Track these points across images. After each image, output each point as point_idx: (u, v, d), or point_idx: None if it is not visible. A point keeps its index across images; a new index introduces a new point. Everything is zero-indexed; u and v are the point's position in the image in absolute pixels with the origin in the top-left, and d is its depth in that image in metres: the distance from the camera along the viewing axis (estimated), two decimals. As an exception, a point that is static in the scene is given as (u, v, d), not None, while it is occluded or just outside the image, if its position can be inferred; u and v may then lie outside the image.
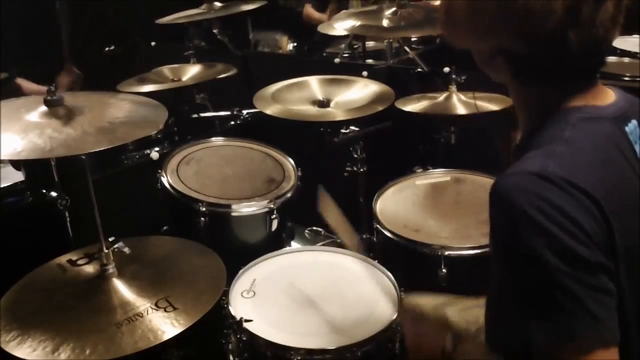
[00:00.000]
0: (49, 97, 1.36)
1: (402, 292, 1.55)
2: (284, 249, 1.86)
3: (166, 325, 1.33)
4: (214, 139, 2.26)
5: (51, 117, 1.35)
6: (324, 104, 2.28)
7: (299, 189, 2.03)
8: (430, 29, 2.34)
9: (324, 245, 2.16)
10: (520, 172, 0.85)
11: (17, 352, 1.25)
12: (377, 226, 1.89)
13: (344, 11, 2.95)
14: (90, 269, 1.52)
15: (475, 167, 2.14)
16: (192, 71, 2.81)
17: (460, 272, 1.71)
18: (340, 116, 2.16)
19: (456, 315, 1.33)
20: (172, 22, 2.82)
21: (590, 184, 0.82)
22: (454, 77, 2.31)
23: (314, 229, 2.43)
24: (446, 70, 2.35)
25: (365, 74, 2.52)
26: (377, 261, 1.71)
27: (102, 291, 1.44)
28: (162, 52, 3.35)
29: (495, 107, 2.08)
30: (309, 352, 1.39)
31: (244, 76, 3.01)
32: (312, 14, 4.00)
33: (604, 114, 0.92)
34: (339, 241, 2.32)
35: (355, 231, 1.74)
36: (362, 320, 1.49)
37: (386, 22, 2.37)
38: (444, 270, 1.69)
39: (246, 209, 1.90)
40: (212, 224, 1.87)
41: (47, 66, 2.69)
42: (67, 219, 1.75)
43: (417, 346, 1.31)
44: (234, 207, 1.90)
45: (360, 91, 2.32)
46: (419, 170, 2.20)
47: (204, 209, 1.86)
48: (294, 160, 2.15)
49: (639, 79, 2.49)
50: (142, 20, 2.99)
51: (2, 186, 2.00)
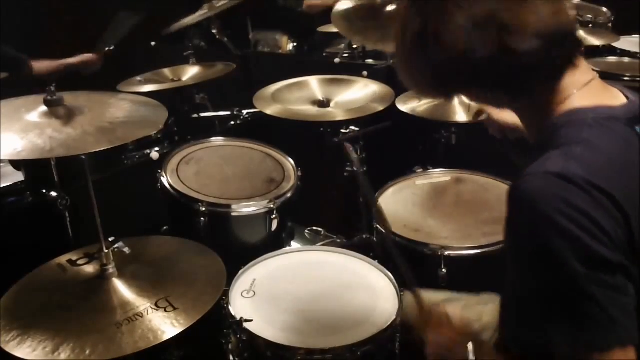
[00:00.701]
0: (49, 97, 1.36)
1: (402, 292, 1.55)
2: (284, 249, 1.86)
3: (166, 325, 1.33)
4: (214, 139, 2.26)
5: (51, 117, 1.35)
6: (324, 104, 2.28)
7: (299, 189, 2.03)
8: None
9: (324, 245, 2.16)
10: (541, 173, 0.84)
11: (17, 352, 1.25)
12: (377, 226, 1.89)
13: None
14: (90, 269, 1.52)
15: (475, 167, 2.14)
16: (192, 71, 2.82)
17: (460, 272, 1.70)
18: (340, 116, 2.16)
19: (457, 312, 1.33)
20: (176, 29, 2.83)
21: (611, 185, 0.82)
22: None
23: (314, 229, 2.44)
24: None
25: (365, 73, 2.52)
26: (377, 261, 1.71)
27: (102, 291, 1.44)
28: (162, 52, 3.35)
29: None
30: (309, 352, 1.39)
31: (244, 76, 3.01)
32: (314, 2, 3.93)
33: (618, 115, 0.92)
34: (338, 241, 2.33)
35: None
36: (362, 320, 1.49)
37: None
38: (444, 270, 1.69)
39: (246, 209, 1.90)
40: (212, 224, 1.87)
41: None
42: (67, 219, 1.75)
43: (439, 357, 1.30)
44: (234, 207, 1.90)
45: (360, 91, 2.33)
46: (419, 170, 2.20)
47: (204, 209, 1.86)
48: (294, 160, 2.15)
49: (639, 79, 2.49)
50: (141, 20, 2.99)
51: (2, 186, 2.01)
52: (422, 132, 2.53)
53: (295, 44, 4.04)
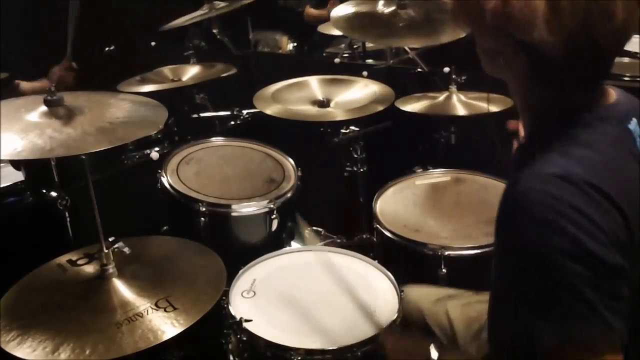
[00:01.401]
0: (49, 97, 1.36)
1: (402, 292, 1.55)
2: (284, 249, 1.86)
3: (166, 325, 1.33)
4: (214, 139, 2.26)
5: (51, 117, 1.35)
6: (324, 104, 2.28)
7: (299, 189, 2.03)
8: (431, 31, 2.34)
9: (324, 245, 2.16)
10: (539, 174, 0.83)
11: (17, 352, 1.25)
12: (377, 226, 1.89)
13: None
14: (90, 269, 1.52)
15: (475, 167, 2.14)
16: (192, 71, 2.82)
17: (460, 272, 1.71)
18: (340, 116, 2.16)
19: (457, 310, 1.33)
20: (174, 27, 2.82)
21: (610, 186, 0.81)
22: (454, 77, 2.31)
23: (314, 229, 2.43)
24: (446, 70, 2.35)
25: (365, 74, 2.52)
26: (377, 261, 1.71)
27: (102, 291, 1.44)
28: (162, 52, 3.35)
29: (496, 108, 2.08)
30: (309, 352, 1.39)
31: (244, 76, 3.01)
32: (312, 11, 4.00)
33: (612, 114, 0.92)
34: (338, 241, 2.33)
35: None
36: (362, 320, 1.49)
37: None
38: (444, 270, 1.69)
39: (246, 209, 1.90)
40: (212, 224, 1.87)
41: (48, 65, 2.68)
42: (67, 219, 1.75)
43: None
44: (234, 207, 1.90)
45: (360, 91, 2.32)
46: (419, 170, 2.20)
47: (204, 209, 1.86)
48: (294, 160, 2.15)
49: (639, 79, 2.48)
50: (142, 20, 3.00)
51: (2, 186, 2.01)
52: (422, 132, 2.53)
53: (295, 44, 4.04)
